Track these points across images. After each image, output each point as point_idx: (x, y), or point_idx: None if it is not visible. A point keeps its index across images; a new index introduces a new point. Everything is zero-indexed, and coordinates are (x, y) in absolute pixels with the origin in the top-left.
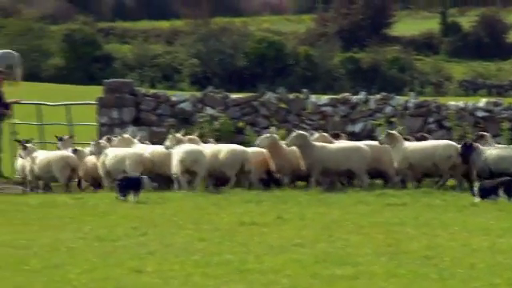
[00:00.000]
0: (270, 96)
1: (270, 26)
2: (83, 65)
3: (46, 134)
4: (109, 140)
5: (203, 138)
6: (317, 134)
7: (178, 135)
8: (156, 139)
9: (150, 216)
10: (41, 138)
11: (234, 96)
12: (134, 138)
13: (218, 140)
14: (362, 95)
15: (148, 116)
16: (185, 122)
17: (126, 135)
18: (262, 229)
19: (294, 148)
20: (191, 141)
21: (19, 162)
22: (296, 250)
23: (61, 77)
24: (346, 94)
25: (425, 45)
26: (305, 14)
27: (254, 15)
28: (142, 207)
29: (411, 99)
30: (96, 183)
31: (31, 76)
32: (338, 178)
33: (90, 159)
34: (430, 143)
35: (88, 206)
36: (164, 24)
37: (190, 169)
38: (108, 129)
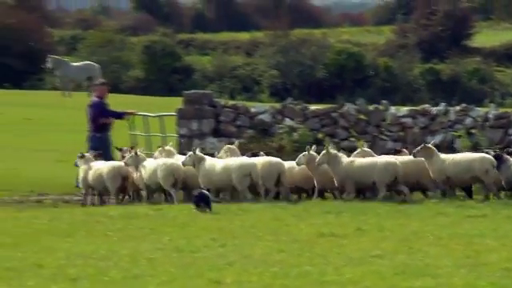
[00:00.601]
0: (349, 107)
1: (350, 37)
2: (163, 76)
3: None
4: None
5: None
6: (359, 149)
7: (168, 147)
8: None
9: (229, 227)
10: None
11: (313, 107)
12: (213, 149)
13: (297, 151)
14: (441, 106)
15: (227, 127)
16: (264, 133)
17: (167, 147)
18: (341, 240)
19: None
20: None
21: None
22: (375, 262)
23: (140, 88)
24: (426, 106)
25: (505, 56)
26: (384, 25)
27: (334, 27)
28: (222, 218)
29: (491, 110)
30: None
31: (111, 87)
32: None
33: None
34: (467, 156)
35: (168, 217)
36: (244, 35)
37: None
38: (187, 140)
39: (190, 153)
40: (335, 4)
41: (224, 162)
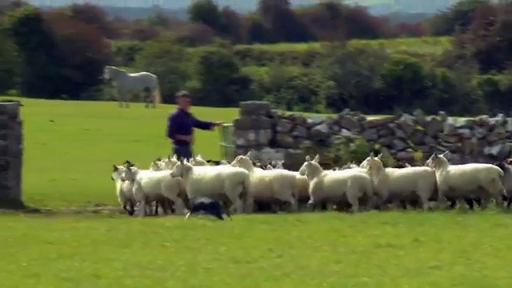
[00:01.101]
0: (406, 118)
1: (407, 47)
2: (220, 87)
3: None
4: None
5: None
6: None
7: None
8: (291, 161)
9: (286, 238)
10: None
11: (370, 118)
12: (270, 160)
13: (353, 161)
14: (499, 117)
15: (284, 138)
16: (320, 143)
17: (173, 159)
18: (398, 251)
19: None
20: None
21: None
22: (432, 273)
23: (197, 99)
24: (484, 116)
25: None
26: (442, 35)
27: (391, 37)
28: (278, 229)
29: None
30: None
31: (169, 98)
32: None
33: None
34: (472, 167)
35: (225, 227)
36: (301, 46)
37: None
38: (244, 151)
39: (178, 163)
40: (393, 14)
41: (212, 171)
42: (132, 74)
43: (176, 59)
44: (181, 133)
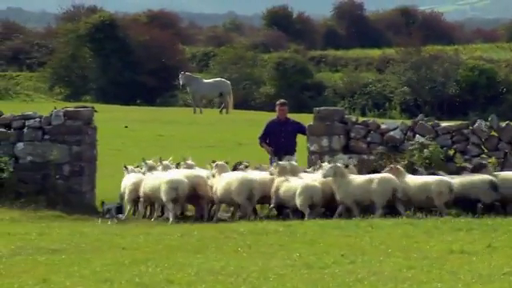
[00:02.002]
0: (480, 124)
1: (482, 53)
2: (294, 93)
3: None
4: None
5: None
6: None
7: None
8: (364, 167)
9: (358, 244)
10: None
11: (444, 124)
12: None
13: (427, 168)
14: None
15: (358, 144)
16: (394, 149)
17: (189, 161)
18: (471, 257)
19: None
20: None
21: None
22: (506, 279)
23: (271, 105)
24: None
25: None
26: None
27: (466, 43)
28: (351, 235)
29: None
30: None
31: (243, 104)
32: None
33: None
34: (424, 179)
35: (297, 233)
36: (375, 52)
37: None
38: (318, 157)
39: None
40: (468, 20)
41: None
42: (206, 80)
43: (250, 65)
44: (269, 140)
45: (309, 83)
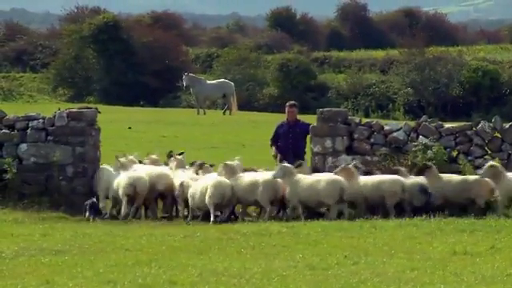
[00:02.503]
0: (484, 125)
1: (486, 54)
2: (297, 94)
3: None
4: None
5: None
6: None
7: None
8: (368, 168)
9: (361, 245)
10: None
11: (447, 125)
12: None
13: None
14: None
15: (361, 145)
16: (397, 150)
17: (154, 156)
18: (474, 258)
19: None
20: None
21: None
22: (509, 281)
23: (275, 106)
24: None
25: None
26: None
27: (470, 44)
28: (354, 236)
29: None
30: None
31: (246, 105)
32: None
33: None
34: (378, 178)
35: (300, 234)
36: (379, 53)
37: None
38: (321, 158)
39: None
40: (472, 21)
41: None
42: (209, 81)
43: (254, 66)
44: (277, 142)
45: (312, 84)
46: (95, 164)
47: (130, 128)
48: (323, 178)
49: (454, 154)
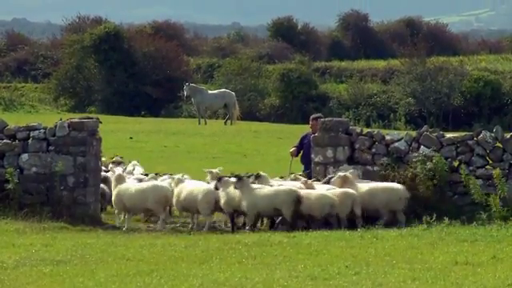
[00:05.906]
0: (485, 135)
1: (487, 64)
2: (298, 104)
3: None
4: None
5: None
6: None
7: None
8: (369, 178)
9: (363, 255)
10: None
11: (449, 135)
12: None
13: (431, 179)
14: None
15: (362, 155)
16: (399, 160)
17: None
18: (476, 268)
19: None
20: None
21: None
22: None
23: (276, 116)
24: None
25: None
26: None
27: (471, 54)
28: (355, 246)
29: None
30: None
31: (248, 115)
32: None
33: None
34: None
35: (302, 244)
36: (380, 63)
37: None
38: (322, 168)
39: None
40: (473, 31)
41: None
42: (211, 91)
43: (255, 76)
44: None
45: (313, 94)
46: (96, 174)
47: (131, 138)
48: (280, 189)
49: (456, 164)
